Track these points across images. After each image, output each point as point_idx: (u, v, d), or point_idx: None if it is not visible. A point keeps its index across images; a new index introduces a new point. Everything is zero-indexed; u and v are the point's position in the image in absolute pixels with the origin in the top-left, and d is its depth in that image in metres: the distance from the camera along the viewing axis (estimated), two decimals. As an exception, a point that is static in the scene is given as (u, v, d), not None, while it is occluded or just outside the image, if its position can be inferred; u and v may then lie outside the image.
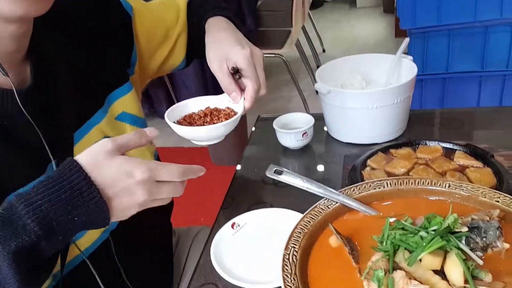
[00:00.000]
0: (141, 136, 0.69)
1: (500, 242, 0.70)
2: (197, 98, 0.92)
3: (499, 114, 1.33)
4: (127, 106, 0.95)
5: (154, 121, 3.77)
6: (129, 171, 0.63)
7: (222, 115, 0.89)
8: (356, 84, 1.28)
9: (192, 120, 0.89)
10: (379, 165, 1.06)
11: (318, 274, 0.73)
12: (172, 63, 1.09)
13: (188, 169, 0.71)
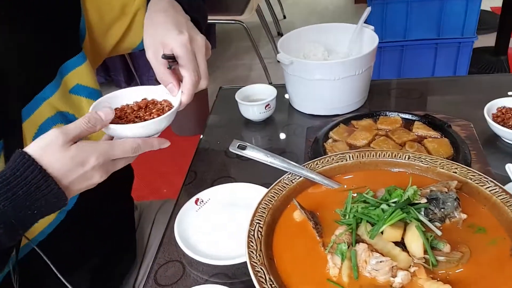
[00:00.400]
0: (95, 123, 0.67)
1: (458, 212, 0.73)
2: (134, 88, 0.80)
3: (456, 83, 1.36)
4: (82, 78, 0.90)
5: (111, 90, 3.63)
6: (83, 160, 0.65)
7: (155, 110, 0.76)
8: (318, 54, 1.27)
9: (122, 114, 0.75)
10: (341, 137, 1.07)
11: (283, 249, 0.74)
12: (130, 42, 1.02)
13: (143, 143, 0.70)
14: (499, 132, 1.02)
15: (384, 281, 0.65)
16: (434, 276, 0.65)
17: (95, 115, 0.68)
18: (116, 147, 0.68)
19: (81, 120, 0.67)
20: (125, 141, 0.69)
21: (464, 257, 0.67)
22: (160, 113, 0.74)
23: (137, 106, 0.77)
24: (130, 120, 0.74)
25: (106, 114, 0.69)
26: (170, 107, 0.76)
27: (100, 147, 0.66)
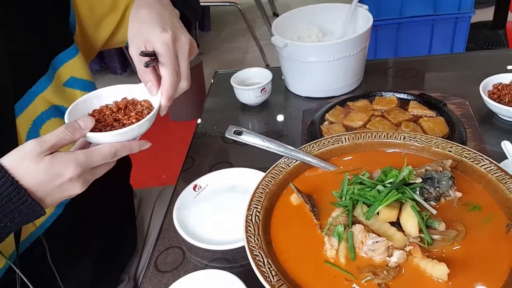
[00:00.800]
0: (74, 131, 0.65)
1: (453, 191, 0.73)
2: (114, 86, 0.76)
3: (451, 61, 1.35)
4: (75, 70, 0.89)
5: (106, 77, 3.63)
6: (58, 172, 0.62)
7: (134, 113, 0.72)
8: (313, 36, 1.26)
9: (101, 117, 0.72)
10: (337, 118, 1.07)
11: (280, 232, 0.74)
12: (123, 36, 0.99)
13: (122, 148, 0.68)
14: (494, 109, 1.02)
15: (381, 260, 0.66)
16: (429, 255, 0.66)
17: (74, 124, 0.65)
18: (94, 155, 0.66)
19: (59, 129, 0.64)
20: (102, 147, 0.67)
21: (459, 235, 0.68)
22: (139, 116, 0.71)
23: (117, 107, 0.73)
24: (109, 123, 0.71)
25: (86, 123, 0.66)
26: (149, 109, 0.73)
27: (77, 158, 0.64)
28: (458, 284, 0.63)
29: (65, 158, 0.63)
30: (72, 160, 0.63)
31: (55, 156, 0.63)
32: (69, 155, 0.64)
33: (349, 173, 0.79)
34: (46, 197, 0.64)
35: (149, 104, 0.74)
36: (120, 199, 1.16)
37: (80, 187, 0.66)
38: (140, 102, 0.75)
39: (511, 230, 0.68)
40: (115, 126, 0.70)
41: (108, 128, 0.70)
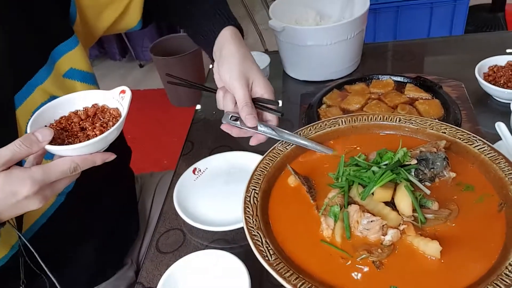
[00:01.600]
0: (30, 144, 0.62)
1: (447, 171, 0.75)
2: (87, 91, 0.75)
3: (448, 44, 1.36)
4: (75, 62, 0.90)
5: (105, 63, 3.63)
6: (13, 191, 0.60)
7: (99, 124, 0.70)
8: (310, 19, 1.27)
9: (68, 125, 0.70)
10: (334, 102, 1.08)
11: (278, 213, 0.76)
12: (125, 24, 1.02)
13: (83, 162, 0.65)
14: (489, 90, 1.03)
15: (375, 239, 0.68)
16: (422, 233, 0.68)
17: (31, 136, 0.62)
18: (52, 171, 0.63)
19: (14, 143, 0.61)
20: (62, 162, 0.64)
21: (452, 214, 0.70)
22: (103, 128, 0.69)
23: (85, 114, 0.71)
24: (74, 132, 0.69)
25: (44, 135, 0.63)
26: (116, 119, 0.71)
27: (34, 175, 0.61)
28: (451, 261, 0.64)
29: (21, 175, 0.61)
30: (28, 177, 0.61)
31: (10, 174, 0.61)
32: (25, 172, 0.61)
33: (345, 156, 0.81)
34: (2, 213, 0.63)
35: (117, 113, 0.71)
36: (121, 185, 1.18)
37: (38, 203, 0.63)
38: (110, 109, 0.72)
39: (503, 209, 0.70)
40: (79, 136, 0.68)
41: (71, 139, 0.68)
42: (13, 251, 0.84)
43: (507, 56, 1.08)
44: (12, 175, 0.60)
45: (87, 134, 0.68)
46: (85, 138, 0.67)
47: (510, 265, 0.60)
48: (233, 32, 0.88)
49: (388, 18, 2.84)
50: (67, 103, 0.73)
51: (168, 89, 3.07)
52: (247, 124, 0.82)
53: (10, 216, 0.64)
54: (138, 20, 1.03)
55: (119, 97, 0.73)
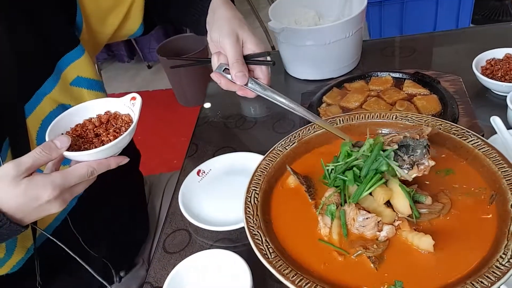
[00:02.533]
0: (50, 151, 0.66)
1: (426, 159, 0.75)
2: (98, 100, 0.79)
3: (447, 38, 1.36)
4: (82, 70, 0.93)
5: (113, 65, 3.68)
6: (36, 196, 0.64)
7: (112, 130, 0.75)
8: (309, 19, 1.28)
9: (83, 132, 0.74)
10: (334, 100, 1.10)
11: (279, 213, 0.79)
12: (128, 29, 1.04)
13: (99, 166, 0.70)
14: (487, 84, 1.04)
15: (371, 235, 0.71)
16: (417, 228, 0.70)
17: (50, 144, 0.67)
18: (70, 176, 0.67)
19: (35, 150, 0.65)
20: (79, 167, 0.68)
21: (444, 207, 0.72)
22: (117, 133, 0.73)
23: (99, 121, 0.76)
24: (89, 139, 0.73)
25: (62, 142, 0.67)
26: (128, 124, 0.75)
27: (54, 180, 0.65)
28: (444, 254, 0.67)
29: (43, 181, 0.65)
30: (49, 183, 0.65)
31: (33, 180, 0.64)
32: (46, 178, 0.65)
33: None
34: (25, 217, 0.67)
35: (129, 119, 0.76)
36: (131, 187, 1.21)
37: (59, 207, 0.67)
38: (122, 116, 0.77)
39: (495, 201, 0.71)
40: (94, 142, 0.72)
41: (87, 145, 0.72)
42: (29, 254, 0.88)
43: (505, 49, 1.08)
44: (34, 181, 0.64)
45: (101, 139, 0.72)
46: (100, 144, 0.71)
47: (501, 258, 0.62)
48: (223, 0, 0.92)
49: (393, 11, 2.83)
50: (81, 111, 0.77)
51: (176, 89, 3.11)
52: (237, 82, 0.84)
53: (32, 219, 0.68)
54: (140, 24, 1.05)
55: (130, 103, 0.77)
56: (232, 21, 0.86)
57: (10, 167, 0.63)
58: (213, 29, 0.87)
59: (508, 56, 1.07)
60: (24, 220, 0.67)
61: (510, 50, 1.08)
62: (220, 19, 0.87)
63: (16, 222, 0.66)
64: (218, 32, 0.85)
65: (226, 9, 0.89)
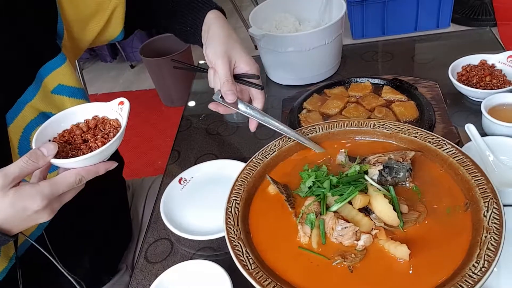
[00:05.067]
0: (36, 159, 0.65)
1: (408, 182, 0.79)
2: (86, 104, 0.78)
3: (426, 43, 1.39)
4: (63, 78, 0.92)
5: (96, 65, 3.64)
6: (24, 207, 0.64)
7: (100, 136, 0.73)
8: (290, 25, 1.29)
9: (70, 138, 0.73)
10: (315, 106, 1.11)
11: (259, 222, 0.80)
12: (108, 35, 1.05)
13: (87, 173, 0.69)
14: (462, 91, 1.06)
15: (349, 244, 0.72)
16: (393, 237, 0.72)
17: (37, 151, 0.66)
18: (59, 184, 0.66)
19: (22, 159, 0.64)
20: (68, 175, 0.67)
21: (420, 216, 0.74)
22: (105, 139, 0.72)
23: (87, 126, 0.75)
24: (77, 145, 0.72)
25: (49, 149, 0.66)
26: (117, 129, 0.74)
27: (42, 190, 0.65)
28: (420, 262, 0.68)
29: (30, 191, 0.64)
30: (37, 193, 0.64)
31: (20, 190, 0.64)
32: (34, 188, 0.64)
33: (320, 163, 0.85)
34: (13, 228, 0.66)
35: (117, 124, 0.75)
36: (113, 193, 1.21)
37: (48, 216, 0.67)
38: (110, 120, 0.76)
39: (469, 209, 0.74)
40: (82, 148, 0.71)
41: (75, 152, 0.71)
42: (12, 263, 0.87)
43: (480, 55, 1.11)
44: (22, 192, 0.63)
45: (89, 146, 0.71)
46: (88, 150, 0.70)
47: (474, 266, 0.64)
48: (217, 15, 0.97)
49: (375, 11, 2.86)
50: (68, 116, 0.76)
51: (159, 89, 3.09)
52: (226, 99, 0.87)
53: (21, 229, 0.68)
54: (120, 30, 1.05)
55: (118, 108, 0.76)
56: (225, 41, 0.90)
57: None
58: (208, 48, 0.90)
59: (483, 62, 1.09)
60: (12, 230, 0.67)
61: (485, 57, 1.10)
62: (213, 38, 0.91)
63: (3, 233, 0.65)
64: (212, 52, 0.89)
65: (219, 26, 0.93)
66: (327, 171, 0.83)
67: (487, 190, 0.73)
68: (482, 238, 0.67)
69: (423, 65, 1.26)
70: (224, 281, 0.77)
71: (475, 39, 1.34)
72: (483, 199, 0.72)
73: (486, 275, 0.62)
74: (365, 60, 1.33)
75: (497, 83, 1.04)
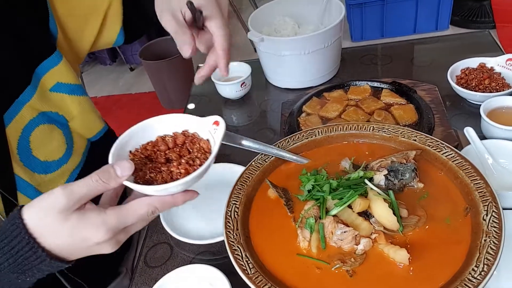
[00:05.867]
0: (108, 179, 0.56)
1: (415, 182, 0.79)
2: (177, 115, 0.67)
3: (424, 46, 1.39)
4: (61, 76, 0.91)
5: (95, 68, 3.65)
6: (84, 237, 0.56)
7: (184, 160, 0.62)
8: (288, 28, 1.30)
9: (153, 154, 0.64)
10: (314, 110, 1.11)
11: (258, 226, 0.80)
12: (107, 38, 1.02)
13: (162, 205, 0.59)
14: (461, 94, 1.06)
15: (349, 249, 0.72)
16: (393, 241, 0.72)
17: (110, 170, 0.56)
18: (127, 216, 0.57)
19: (91, 177, 0.56)
20: (139, 207, 0.58)
21: (420, 220, 0.74)
22: (189, 166, 0.60)
23: (173, 142, 0.64)
24: (158, 165, 0.61)
25: (123, 169, 0.56)
26: (205, 155, 0.63)
27: (108, 221, 0.56)
28: (419, 267, 0.68)
29: (95, 220, 0.56)
30: (103, 224, 0.55)
31: (84, 217, 0.56)
32: (99, 217, 0.56)
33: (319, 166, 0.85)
34: (70, 255, 0.59)
35: (207, 147, 0.64)
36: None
37: (111, 248, 0.59)
38: (200, 141, 0.65)
39: (469, 213, 0.74)
40: (162, 172, 0.60)
41: (153, 174, 0.60)
42: None
43: (478, 58, 1.11)
44: (85, 220, 0.55)
45: (171, 170, 0.61)
46: (168, 176, 0.60)
47: (473, 270, 0.64)
48: None
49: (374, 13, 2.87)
50: (155, 125, 0.66)
51: (159, 91, 3.09)
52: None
53: (78, 257, 0.60)
54: (118, 31, 1.02)
55: (212, 127, 0.65)
56: None
57: (60, 196, 0.54)
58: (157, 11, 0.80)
59: (482, 65, 1.10)
60: (69, 258, 0.59)
61: (484, 60, 1.10)
62: None
63: (59, 259, 0.58)
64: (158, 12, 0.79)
65: None
66: (327, 175, 0.83)
67: (486, 193, 0.73)
68: (482, 242, 0.67)
69: (422, 68, 1.26)
70: (224, 285, 0.76)
71: (474, 41, 1.34)
72: (483, 203, 0.72)
73: (486, 279, 0.62)
74: (364, 63, 1.33)
75: (496, 86, 1.04)
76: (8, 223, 0.56)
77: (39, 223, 0.55)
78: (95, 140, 1.01)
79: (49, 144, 0.88)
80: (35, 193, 0.85)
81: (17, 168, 0.83)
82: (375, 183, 0.78)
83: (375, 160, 0.84)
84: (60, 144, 0.90)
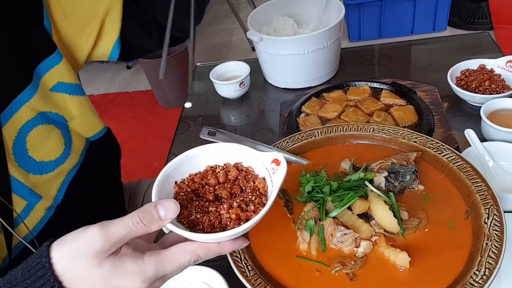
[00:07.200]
0: (150, 222, 0.50)
1: (416, 184, 0.78)
2: (230, 144, 0.60)
3: (424, 46, 1.38)
4: (62, 75, 0.89)
5: (92, 66, 3.62)
6: (118, 286, 0.50)
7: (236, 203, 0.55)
8: (288, 28, 1.29)
9: (201, 186, 0.58)
10: (313, 110, 1.11)
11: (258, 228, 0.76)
12: (102, 48, 0.98)
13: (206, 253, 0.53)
14: (461, 95, 1.06)
15: (349, 251, 0.72)
16: (393, 244, 0.71)
17: (152, 212, 0.51)
18: (167, 264, 0.52)
19: (131, 218, 0.50)
20: (180, 254, 0.53)
21: (421, 223, 0.73)
22: (241, 209, 0.54)
23: (224, 176, 0.58)
24: (205, 204, 0.55)
25: (168, 212, 0.51)
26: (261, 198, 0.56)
27: (146, 270, 0.51)
28: (420, 270, 0.68)
29: (131, 268, 0.50)
30: (139, 273, 0.50)
31: (120, 265, 0.50)
32: (137, 264, 0.51)
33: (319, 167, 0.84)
34: None
35: (263, 188, 0.57)
36: (110, 197, 1.20)
37: None
38: (255, 178, 0.58)
39: (470, 216, 0.73)
40: (210, 212, 0.54)
41: (199, 215, 0.54)
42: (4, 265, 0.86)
43: (478, 60, 1.10)
44: (121, 267, 0.50)
45: (219, 213, 0.54)
46: (216, 219, 0.54)
47: (475, 274, 0.64)
48: None
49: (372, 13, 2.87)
50: (205, 154, 0.60)
51: (156, 90, 3.08)
52: None
53: None
54: (113, 44, 0.99)
55: (270, 165, 0.57)
56: None
57: (97, 238, 0.49)
58: None
59: (482, 67, 1.09)
60: None
61: (483, 61, 1.10)
62: None
63: None
64: None
65: None
66: (326, 177, 0.82)
67: (487, 196, 0.72)
68: (483, 245, 0.67)
69: (422, 69, 1.26)
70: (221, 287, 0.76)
71: (474, 43, 1.34)
72: (484, 206, 0.72)
73: (488, 283, 0.62)
74: (363, 63, 1.33)
75: (496, 88, 1.04)
76: (34, 261, 0.51)
77: (70, 266, 0.50)
78: (94, 140, 1.00)
79: (46, 144, 0.87)
80: (30, 195, 0.84)
81: (12, 169, 0.81)
82: (375, 185, 0.77)
83: (375, 161, 0.83)
84: (58, 144, 0.89)
